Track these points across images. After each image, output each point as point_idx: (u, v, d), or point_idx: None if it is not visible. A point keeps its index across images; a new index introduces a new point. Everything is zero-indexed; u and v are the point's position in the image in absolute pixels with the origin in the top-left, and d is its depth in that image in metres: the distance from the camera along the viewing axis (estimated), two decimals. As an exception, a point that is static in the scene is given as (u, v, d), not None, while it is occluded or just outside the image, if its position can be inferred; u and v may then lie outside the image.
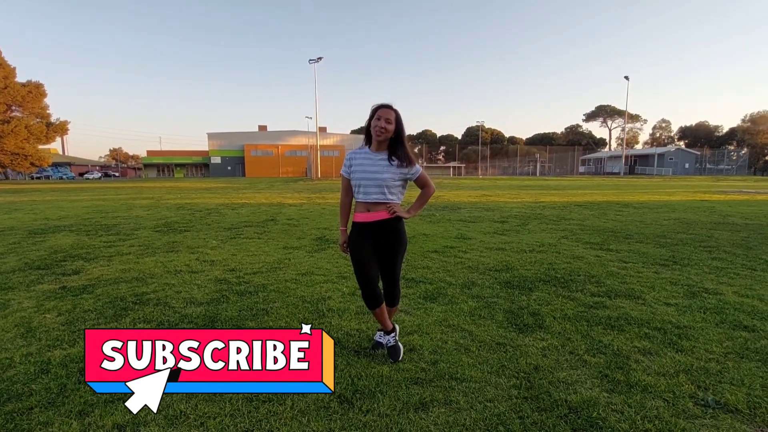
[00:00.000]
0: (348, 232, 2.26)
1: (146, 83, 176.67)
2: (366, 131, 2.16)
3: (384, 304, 2.23)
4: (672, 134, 79.45)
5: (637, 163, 58.88)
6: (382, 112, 2.04)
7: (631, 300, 3.11)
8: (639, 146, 79.31)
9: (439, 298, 3.19)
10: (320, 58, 35.52)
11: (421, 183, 2.22)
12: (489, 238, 5.78)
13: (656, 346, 2.33)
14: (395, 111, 2.07)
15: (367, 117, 2.13)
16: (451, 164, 68.25)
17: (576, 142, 73.38)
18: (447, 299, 3.15)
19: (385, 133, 2.06)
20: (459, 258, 4.54)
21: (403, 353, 2.28)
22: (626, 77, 47.70)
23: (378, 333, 2.38)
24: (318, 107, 37.43)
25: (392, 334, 2.27)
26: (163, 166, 65.11)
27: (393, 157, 2.10)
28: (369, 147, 2.16)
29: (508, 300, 3.12)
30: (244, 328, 2.60)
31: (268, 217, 8.37)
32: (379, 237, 2.14)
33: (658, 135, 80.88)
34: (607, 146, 78.58)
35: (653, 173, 52.84)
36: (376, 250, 2.16)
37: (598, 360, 2.18)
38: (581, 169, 65.68)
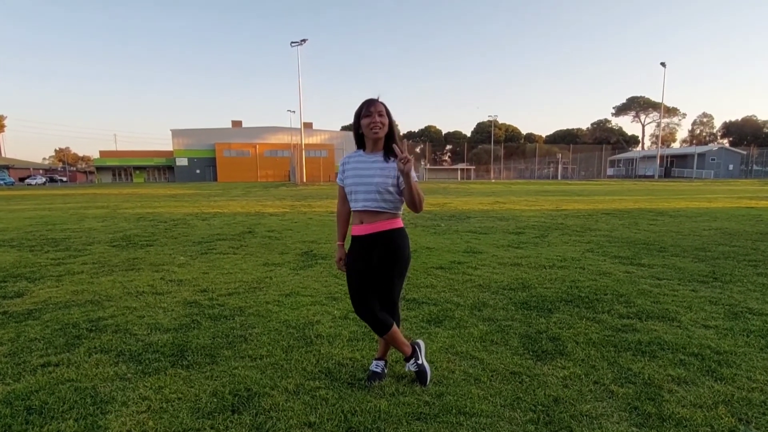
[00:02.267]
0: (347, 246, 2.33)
1: (97, 72, 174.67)
2: (356, 135, 2.23)
3: (395, 325, 2.29)
4: (714, 131, 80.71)
5: (674, 165, 59.61)
6: (372, 107, 2.11)
7: (665, 322, 3.18)
8: (676, 145, 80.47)
9: (445, 321, 3.25)
10: (304, 41, 35.88)
11: None
12: (502, 252, 5.87)
13: (692, 375, 2.40)
14: (383, 103, 2.15)
15: (354, 114, 2.19)
16: (459, 166, 68.64)
17: (604, 140, 74.29)
18: (454, 323, 3.21)
19: (382, 128, 2.12)
20: (468, 275, 4.61)
21: (410, 378, 2.36)
22: (662, 64, 48.60)
23: (374, 362, 2.43)
24: (302, 99, 37.75)
25: (412, 360, 2.35)
26: (120, 169, 65.07)
27: (389, 157, 2.16)
28: (363, 150, 2.24)
29: (525, 323, 3.19)
30: (218, 358, 2.65)
31: (245, 229, 8.42)
32: (374, 252, 2.19)
33: (698, 132, 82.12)
34: (640, 145, 79.61)
35: (692, 176, 53.49)
36: (372, 267, 2.21)
37: (626, 390, 2.24)
38: (609, 171, 66.38)
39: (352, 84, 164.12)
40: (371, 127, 2.12)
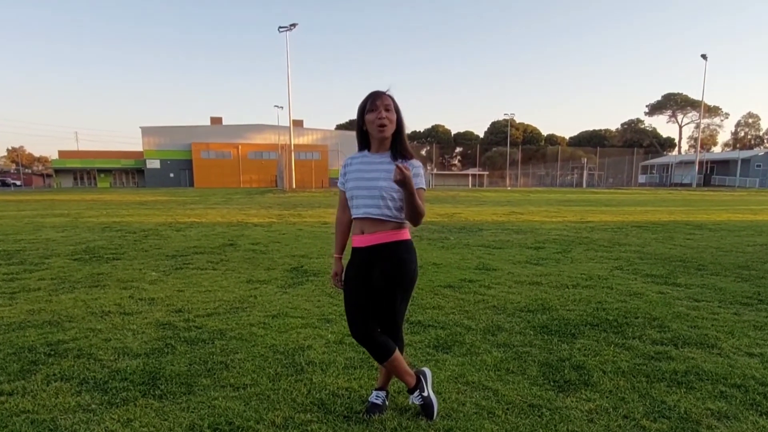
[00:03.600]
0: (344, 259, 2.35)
1: (55, 59, 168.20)
2: (359, 133, 2.25)
3: (397, 351, 2.29)
4: (761, 133, 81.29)
5: (715, 172, 59.91)
6: (379, 101, 2.12)
7: (704, 349, 3.21)
8: (717, 149, 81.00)
9: (454, 347, 3.28)
10: (294, 25, 36.15)
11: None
12: (520, 269, 5.91)
13: (735, 408, 2.42)
14: (390, 96, 2.17)
15: (357, 109, 2.20)
16: (470, 171, 69.09)
17: (635, 142, 74.77)
18: (465, 349, 3.24)
19: (389, 125, 2.13)
20: (480, 295, 4.65)
21: (414, 411, 2.37)
22: (703, 56, 49.04)
23: (374, 393, 2.45)
24: (292, 93, 37.97)
25: (417, 392, 2.36)
26: (82, 171, 65.33)
27: (399, 157, 2.17)
28: (368, 150, 2.26)
29: (545, 349, 3.22)
30: (196, 387, 2.66)
31: (226, 241, 8.46)
32: (375, 267, 2.20)
33: (742, 134, 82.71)
34: (676, 149, 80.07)
35: (735, 184, 53.71)
36: (373, 284, 2.23)
37: (660, 426, 2.26)
38: (641, 178, 66.68)
39: (349, 76, 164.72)
40: (377, 125, 2.13)
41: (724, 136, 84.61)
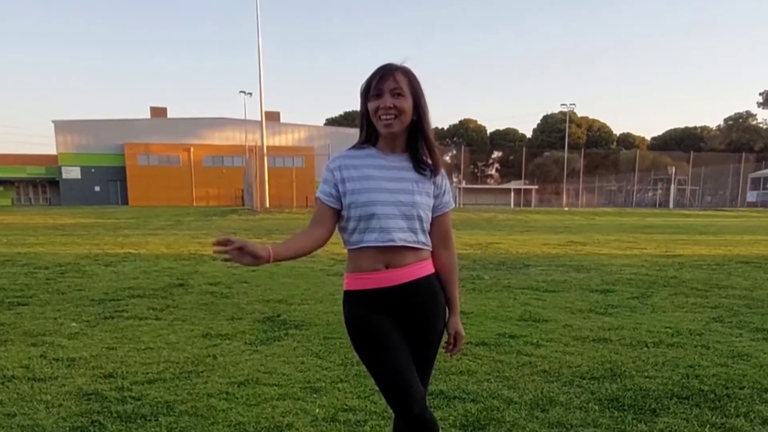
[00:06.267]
0: (344, 300, 2.22)
1: None
2: (363, 120, 2.16)
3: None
4: None
5: None
6: (386, 80, 2.02)
7: (836, 432, 3.22)
8: None
9: (489, 426, 3.30)
10: None
11: (444, 227, 2.25)
12: (580, 322, 5.94)
13: None
14: (406, 73, 2.07)
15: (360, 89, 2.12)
16: (513, 185, 69.09)
17: (743, 145, 74.47)
18: (504, 429, 3.27)
19: (398, 117, 2.03)
20: (526, 356, 4.67)
21: None
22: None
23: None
24: (264, 74, 38.09)
25: None
26: (-26, 183, 65.82)
27: (421, 165, 2.13)
28: (374, 146, 2.17)
29: (615, 430, 3.24)
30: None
31: (174, 280, 8.53)
32: (409, 311, 2.15)
33: None
34: (800, 153, 79.70)
35: None
36: (407, 336, 2.16)
37: None
38: (751, 195, 66.23)
39: (345, 53, 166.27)
40: (380, 117, 2.04)
41: None
